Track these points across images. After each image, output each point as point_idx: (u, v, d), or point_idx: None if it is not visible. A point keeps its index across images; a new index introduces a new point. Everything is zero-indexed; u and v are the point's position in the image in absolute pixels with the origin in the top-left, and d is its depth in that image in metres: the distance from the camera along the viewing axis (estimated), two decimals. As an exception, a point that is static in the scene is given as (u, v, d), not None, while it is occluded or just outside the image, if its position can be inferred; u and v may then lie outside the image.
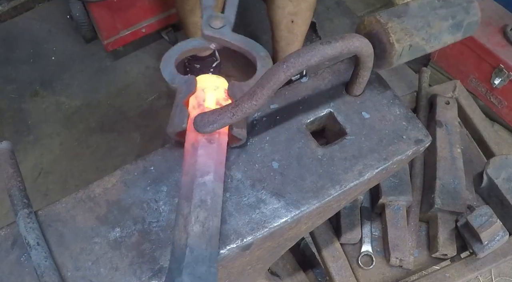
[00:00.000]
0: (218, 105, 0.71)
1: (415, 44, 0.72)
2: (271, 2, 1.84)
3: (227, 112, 0.65)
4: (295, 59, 0.62)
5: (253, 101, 0.63)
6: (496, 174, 1.10)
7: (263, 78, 0.63)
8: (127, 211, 0.68)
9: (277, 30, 1.93)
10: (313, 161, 0.73)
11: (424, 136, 0.76)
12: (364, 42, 0.69)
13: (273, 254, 0.86)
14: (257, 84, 0.64)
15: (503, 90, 1.98)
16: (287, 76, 0.63)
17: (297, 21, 1.85)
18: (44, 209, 0.69)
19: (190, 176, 0.65)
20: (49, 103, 2.24)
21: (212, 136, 0.68)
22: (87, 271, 0.64)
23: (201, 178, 0.64)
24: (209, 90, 0.72)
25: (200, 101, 0.71)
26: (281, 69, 0.62)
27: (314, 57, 0.63)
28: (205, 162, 0.66)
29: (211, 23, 0.78)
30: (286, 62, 0.62)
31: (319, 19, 2.49)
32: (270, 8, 1.87)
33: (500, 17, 1.98)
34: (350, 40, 0.66)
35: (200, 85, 0.73)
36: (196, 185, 0.64)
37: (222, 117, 0.65)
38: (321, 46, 0.63)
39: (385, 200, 1.11)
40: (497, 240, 1.04)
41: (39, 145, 2.12)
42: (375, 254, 1.13)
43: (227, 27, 0.79)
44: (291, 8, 1.80)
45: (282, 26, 1.89)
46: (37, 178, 2.03)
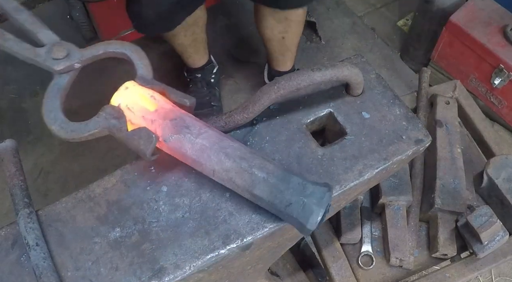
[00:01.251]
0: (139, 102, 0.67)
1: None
2: (260, 22, 1.81)
3: (220, 121, 0.72)
4: (286, 82, 0.69)
5: (244, 114, 0.71)
6: (496, 174, 1.10)
7: (256, 95, 0.70)
8: (127, 211, 0.68)
9: (269, 45, 1.92)
10: (313, 161, 0.73)
11: (424, 136, 0.76)
12: (354, 71, 0.73)
13: (273, 254, 0.86)
14: (250, 100, 0.71)
15: (503, 90, 1.98)
16: (277, 96, 0.70)
17: (288, 36, 1.83)
18: (44, 209, 0.69)
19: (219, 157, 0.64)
20: (49, 103, 2.24)
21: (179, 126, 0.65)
22: (87, 271, 0.64)
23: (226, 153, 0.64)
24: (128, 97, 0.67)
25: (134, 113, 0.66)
26: (273, 89, 0.70)
27: (304, 82, 0.69)
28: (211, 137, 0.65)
29: (54, 56, 0.69)
30: (278, 84, 0.69)
31: (319, 19, 2.49)
32: (259, 27, 1.84)
33: (500, 17, 1.98)
34: (340, 68, 0.71)
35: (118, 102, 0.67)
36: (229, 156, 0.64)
37: (216, 125, 0.72)
38: (311, 72, 0.70)
39: (385, 200, 1.11)
40: (497, 240, 1.04)
41: (39, 145, 2.12)
42: (375, 254, 1.13)
43: (73, 47, 0.71)
44: (281, 28, 1.78)
45: (274, 42, 1.88)
46: (37, 178, 2.03)
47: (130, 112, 0.65)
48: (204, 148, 0.64)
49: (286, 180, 0.62)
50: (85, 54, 0.70)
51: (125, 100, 0.66)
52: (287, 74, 0.70)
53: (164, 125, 0.64)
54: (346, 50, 2.44)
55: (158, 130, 0.65)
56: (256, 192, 0.62)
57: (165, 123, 0.65)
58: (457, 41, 2.02)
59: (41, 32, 0.70)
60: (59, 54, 0.68)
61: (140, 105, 0.66)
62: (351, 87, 0.77)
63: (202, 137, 0.64)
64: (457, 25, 1.97)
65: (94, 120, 0.65)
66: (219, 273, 0.71)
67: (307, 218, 0.60)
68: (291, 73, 0.70)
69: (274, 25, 1.76)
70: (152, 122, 0.65)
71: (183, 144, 0.64)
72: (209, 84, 2.16)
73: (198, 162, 0.65)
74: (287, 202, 0.61)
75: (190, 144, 0.64)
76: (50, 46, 0.69)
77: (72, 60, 0.69)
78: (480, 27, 1.95)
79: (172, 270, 0.64)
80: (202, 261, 0.65)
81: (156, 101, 0.66)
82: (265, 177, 0.62)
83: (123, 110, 0.65)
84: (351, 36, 2.50)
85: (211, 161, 0.64)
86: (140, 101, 0.66)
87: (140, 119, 0.65)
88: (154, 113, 0.65)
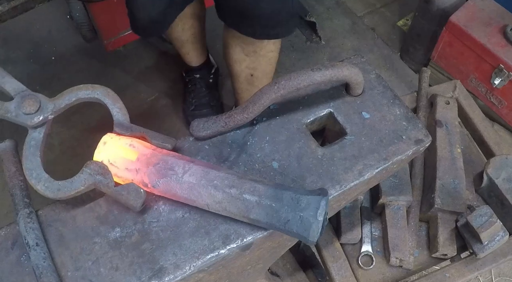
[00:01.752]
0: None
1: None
2: (228, 55, 1.68)
3: (220, 121, 0.73)
4: (286, 82, 0.69)
5: (244, 115, 0.72)
6: (496, 174, 1.10)
7: (256, 95, 0.71)
8: (127, 211, 0.68)
9: (237, 82, 1.78)
10: (313, 161, 0.73)
11: (424, 136, 0.76)
12: (354, 71, 0.73)
13: (273, 254, 0.86)
14: (249, 100, 0.71)
15: (503, 90, 1.98)
16: (277, 96, 0.70)
17: (257, 75, 1.70)
18: (44, 209, 0.69)
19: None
20: (49, 103, 2.24)
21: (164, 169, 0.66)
22: (87, 271, 0.64)
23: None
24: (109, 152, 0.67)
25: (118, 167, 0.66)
26: (273, 90, 0.70)
27: (304, 82, 0.69)
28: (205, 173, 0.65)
29: (26, 111, 0.66)
30: (277, 84, 0.69)
31: (319, 19, 2.49)
32: (227, 59, 1.71)
33: (500, 17, 1.98)
34: (340, 68, 0.71)
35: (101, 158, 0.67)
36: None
37: (216, 125, 0.73)
38: (311, 72, 0.69)
39: (385, 200, 1.11)
40: (497, 240, 1.04)
41: (39, 145, 2.12)
42: (375, 254, 1.13)
43: (43, 98, 0.68)
44: (249, 62, 1.65)
45: (242, 79, 1.74)
46: (37, 178, 2.03)
47: (114, 167, 0.66)
48: (192, 185, 0.64)
49: (279, 198, 0.62)
50: (57, 104, 0.68)
51: (106, 156, 0.66)
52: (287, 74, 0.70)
53: (149, 172, 0.65)
54: (346, 50, 2.44)
55: (145, 179, 0.65)
56: (252, 216, 0.63)
57: (149, 170, 0.65)
58: (457, 41, 2.02)
59: (7, 82, 0.67)
60: (30, 108, 0.66)
61: (121, 158, 0.66)
62: (351, 87, 0.77)
63: (188, 175, 0.65)
64: (457, 25, 1.97)
65: (79, 178, 0.65)
66: (219, 273, 0.71)
67: (308, 231, 0.61)
68: (291, 73, 0.70)
69: (242, 58, 1.64)
70: (137, 172, 0.65)
71: (171, 186, 0.65)
72: (208, 84, 2.12)
73: (190, 199, 0.65)
74: (284, 219, 0.61)
75: (178, 185, 0.65)
76: (20, 100, 0.66)
77: (45, 113, 0.67)
78: (480, 27, 1.95)
79: (172, 270, 0.64)
80: (202, 261, 0.65)
81: (136, 149, 0.66)
82: (257, 200, 0.62)
83: (107, 165, 0.65)
84: (351, 36, 2.50)
85: (202, 196, 0.64)
86: (120, 154, 0.66)
87: (125, 172, 0.66)
88: (137, 162, 0.65)
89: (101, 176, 0.64)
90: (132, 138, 0.68)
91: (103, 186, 0.64)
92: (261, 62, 1.64)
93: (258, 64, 1.65)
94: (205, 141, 0.75)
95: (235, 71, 1.72)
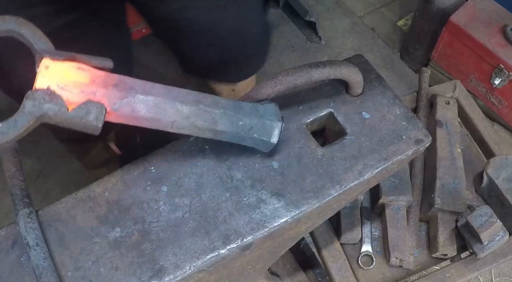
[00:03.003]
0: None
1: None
2: (207, 81, 1.64)
3: None
4: (283, 77, 0.70)
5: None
6: (496, 174, 1.10)
7: (253, 90, 0.71)
8: (127, 211, 0.68)
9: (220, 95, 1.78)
10: (313, 161, 0.73)
11: (424, 136, 0.76)
12: (353, 70, 0.73)
13: (273, 254, 0.86)
14: (246, 95, 0.72)
15: (503, 90, 1.98)
16: (274, 91, 0.71)
17: (238, 89, 1.64)
18: (44, 209, 0.69)
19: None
20: (49, 103, 2.24)
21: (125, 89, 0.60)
22: (87, 271, 0.64)
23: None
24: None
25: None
26: (270, 85, 0.70)
27: (301, 78, 0.70)
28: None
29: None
30: (275, 79, 0.70)
31: (319, 19, 2.49)
32: (208, 83, 1.66)
33: (500, 17, 1.98)
34: (339, 66, 0.71)
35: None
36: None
37: None
38: (309, 69, 0.70)
39: (385, 200, 1.11)
40: (497, 240, 1.04)
41: (39, 145, 2.12)
42: (375, 254, 1.13)
43: None
44: (229, 89, 1.62)
45: (224, 95, 1.69)
46: (37, 178, 2.03)
47: (66, 91, 0.57)
48: (158, 102, 0.61)
49: (240, 108, 0.66)
50: None
51: (53, 80, 0.57)
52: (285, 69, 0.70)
53: (109, 93, 0.58)
54: (346, 50, 2.44)
55: (104, 101, 0.58)
56: (219, 127, 0.64)
57: (109, 91, 0.58)
58: (457, 41, 2.02)
59: None
60: None
61: (73, 81, 0.57)
62: (350, 87, 0.77)
63: (152, 93, 0.61)
64: (457, 25, 1.97)
65: (22, 113, 0.56)
66: (219, 273, 0.71)
67: (269, 134, 0.67)
68: (289, 68, 0.70)
69: (222, 88, 1.61)
70: (95, 94, 0.58)
71: (134, 106, 0.60)
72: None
73: (154, 120, 0.61)
74: (248, 127, 0.65)
75: (142, 104, 0.60)
76: None
77: None
78: (480, 27, 1.95)
79: (172, 270, 0.64)
80: (202, 261, 0.65)
81: (86, 71, 0.58)
82: (222, 111, 0.64)
83: (55, 90, 0.56)
84: (351, 36, 2.50)
85: (167, 113, 0.61)
86: (70, 76, 0.57)
87: (80, 95, 0.57)
88: (92, 84, 0.58)
89: (50, 104, 0.55)
90: (76, 62, 0.59)
91: (55, 114, 0.56)
92: (241, 87, 1.62)
93: (238, 88, 1.62)
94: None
95: (217, 90, 1.68)
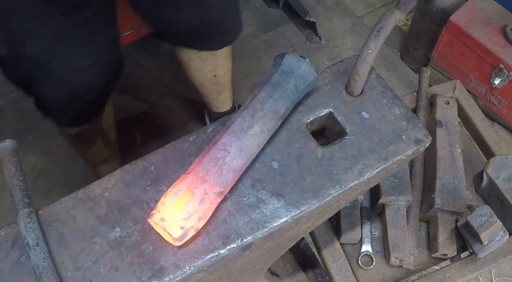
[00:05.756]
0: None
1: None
2: (186, 68, 1.63)
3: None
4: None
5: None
6: (496, 174, 1.10)
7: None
8: (127, 211, 0.68)
9: (203, 88, 1.76)
10: (313, 161, 0.73)
11: (424, 136, 0.76)
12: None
13: (273, 254, 0.86)
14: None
15: (503, 90, 1.98)
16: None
17: (219, 73, 1.68)
18: (44, 209, 0.69)
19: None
20: (49, 103, 2.24)
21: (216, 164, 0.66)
22: (87, 271, 0.64)
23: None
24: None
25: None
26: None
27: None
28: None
29: None
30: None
31: (319, 19, 2.49)
32: (187, 73, 1.66)
33: (500, 17, 1.98)
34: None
35: None
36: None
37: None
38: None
39: (385, 200, 1.11)
40: (497, 240, 1.04)
41: (39, 145, 2.12)
42: (375, 254, 1.13)
43: None
44: (209, 66, 1.62)
45: (206, 84, 1.73)
46: (37, 178, 2.03)
47: (190, 220, 0.62)
48: (239, 146, 0.67)
49: (275, 83, 0.72)
50: None
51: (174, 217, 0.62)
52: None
53: (211, 180, 0.64)
54: (346, 50, 2.44)
55: (215, 187, 0.64)
56: (282, 111, 0.72)
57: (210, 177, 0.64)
58: (457, 41, 2.02)
59: None
60: None
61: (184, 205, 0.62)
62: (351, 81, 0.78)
63: (230, 146, 0.66)
64: (457, 25, 1.97)
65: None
66: (219, 273, 0.71)
67: (309, 75, 0.74)
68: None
69: (202, 64, 1.61)
70: (205, 193, 0.63)
71: (232, 167, 0.66)
72: None
73: (250, 157, 0.69)
74: (293, 87, 0.73)
75: (234, 160, 0.66)
76: None
77: None
78: (480, 27, 1.95)
79: (172, 270, 0.64)
80: (202, 261, 0.65)
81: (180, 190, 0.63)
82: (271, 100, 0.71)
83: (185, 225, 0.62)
84: (351, 36, 2.50)
85: (250, 145, 0.68)
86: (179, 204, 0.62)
87: (201, 206, 0.63)
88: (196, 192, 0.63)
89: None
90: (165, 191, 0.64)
91: None
92: (219, 61, 1.64)
93: (218, 64, 1.64)
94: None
95: (199, 80, 1.70)
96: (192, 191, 0.62)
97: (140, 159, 0.73)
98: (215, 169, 0.64)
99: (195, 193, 0.62)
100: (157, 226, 0.62)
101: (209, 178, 0.64)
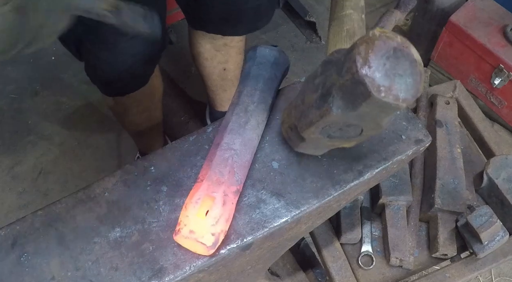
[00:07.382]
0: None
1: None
2: (197, 55, 1.63)
3: None
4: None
5: None
6: (496, 174, 1.10)
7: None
8: (127, 211, 0.68)
9: (210, 80, 1.74)
10: (313, 161, 0.73)
11: (424, 136, 0.76)
12: None
13: (273, 254, 0.86)
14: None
15: (503, 90, 1.97)
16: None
17: (229, 67, 1.67)
18: (44, 209, 0.69)
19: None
20: (49, 103, 2.24)
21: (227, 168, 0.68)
22: (87, 271, 0.64)
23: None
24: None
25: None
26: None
27: None
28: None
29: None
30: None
31: (319, 19, 2.49)
32: (197, 60, 1.65)
33: (500, 17, 1.98)
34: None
35: None
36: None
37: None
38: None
39: (385, 200, 1.11)
40: (497, 240, 1.04)
41: (39, 145, 2.12)
42: (375, 254, 1.13)
43: None
44: (221, 57, 1.61)
45: (215, 76, 1.71)
46: (37, 178, 2.03)
47: (219, 225, 0.63)
48: (242, 141, 0.68)
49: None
50: None
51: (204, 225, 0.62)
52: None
53: (227, 180, 0.65)
54: (346, 50, 2.44)
55: (231, 186, 0.65)
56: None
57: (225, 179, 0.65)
58: (457, 41, 2.02)
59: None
60: None
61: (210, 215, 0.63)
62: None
63: (233, 142, 0.68)
64: (457, 25, 1.97)
65: None
66: (219, 273, 0.71)
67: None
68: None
69: (213, 54, 1.60)
70: (226, 196, 0.64)
71: (240, 161, 0.67)
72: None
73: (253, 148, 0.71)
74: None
75: (240, 157, 0.67)
76: None
77: None
78: (480, 27, 1.95)
79: (172, 270, 0.64)
80: (202, 261, 0.65)
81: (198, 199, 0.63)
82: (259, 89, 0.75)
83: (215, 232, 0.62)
84: (351, 36, 2.50)
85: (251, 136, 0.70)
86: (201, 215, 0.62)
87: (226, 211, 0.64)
88: (216, 197, 0.63)
89: None
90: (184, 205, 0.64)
91: None
92: (232, 54, 1.63)
93: (229, 57, 1.63)
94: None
95: (208, 70, 1.69)
96: (212, 196, 0.63)
97: (140, 159, 0.73)
98: (227, 169, 0.65)
99: (215, 197, 0.63)
100: (188, 240, 0.61)
101: (224, 179, 0.64)
